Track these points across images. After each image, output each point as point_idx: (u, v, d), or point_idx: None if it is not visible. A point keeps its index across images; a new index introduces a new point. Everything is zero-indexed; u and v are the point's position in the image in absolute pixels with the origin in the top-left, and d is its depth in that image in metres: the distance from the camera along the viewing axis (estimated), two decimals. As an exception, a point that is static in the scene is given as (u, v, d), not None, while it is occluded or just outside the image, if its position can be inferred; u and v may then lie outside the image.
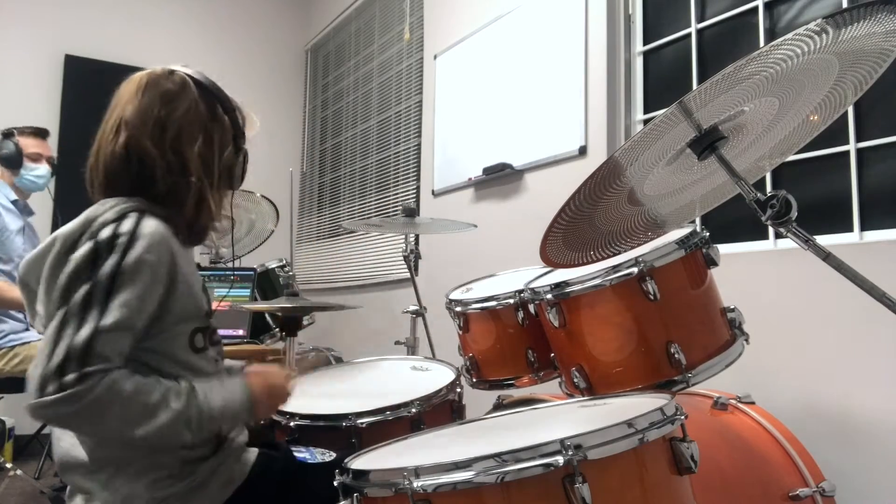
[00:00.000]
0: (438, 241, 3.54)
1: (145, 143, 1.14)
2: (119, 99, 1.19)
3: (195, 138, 1.18)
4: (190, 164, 1.16)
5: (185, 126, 1.17)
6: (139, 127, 1.15)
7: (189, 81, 1.21)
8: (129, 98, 1.18)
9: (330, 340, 4.04)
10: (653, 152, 1.17)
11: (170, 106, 1.17)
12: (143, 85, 1.19)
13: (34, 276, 1.08)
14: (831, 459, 1.62)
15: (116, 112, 1.18)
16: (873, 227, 1.93)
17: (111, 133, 1.16)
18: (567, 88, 2.80)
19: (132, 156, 1.14)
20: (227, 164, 1.23)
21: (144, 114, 1.16)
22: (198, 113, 1.20)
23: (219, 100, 1.24)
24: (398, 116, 4.17)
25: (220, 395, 1.08)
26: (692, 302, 1.41)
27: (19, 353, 2.62)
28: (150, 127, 1.15)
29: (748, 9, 2.28)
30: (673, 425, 0.96)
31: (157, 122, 1.16)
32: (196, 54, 4.88)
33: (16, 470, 2.80)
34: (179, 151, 1.16)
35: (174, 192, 1.15)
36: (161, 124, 1.16)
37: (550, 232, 1.25)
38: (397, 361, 1.93)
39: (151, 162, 1.14)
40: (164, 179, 1.14)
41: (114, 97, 1.21)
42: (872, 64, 1.10)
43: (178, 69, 1.23)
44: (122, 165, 1.14)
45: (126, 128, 1.15)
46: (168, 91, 1.19)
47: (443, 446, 1.15)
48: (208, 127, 1.20)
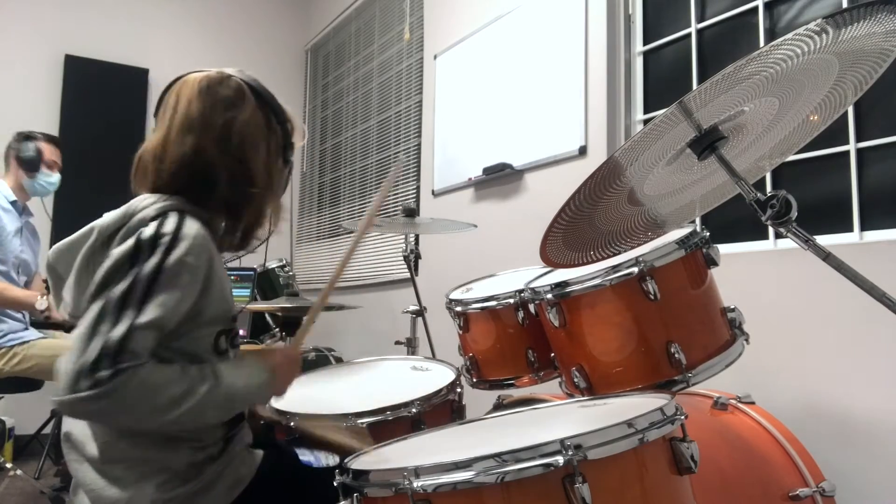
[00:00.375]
0: (438, 241, 3.54)
1: (212, 150, 1.14)
2: (181, 98, 1.17)
3: (257, 147, 1.19)
4: (255, 175, 1.18)
5: (247, 135, 1.17)
6: (206, 132, 1.14)
7: (245, 88, 1.21)
8: (191, 100, 1.16)
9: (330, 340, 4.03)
10: (653, 152, 1.17)
11: (231, 112, 1.17)
12: (203, 88, 1.17)
13: (64, 263, 1.10)
14: (831, 459, 1.62)
15: (181, 112, 1.16)
16: (873, 227, 1.93)
17: (179, 133, 1.15)
18: (567, 88, 2.80)
19: (199, 161, 1.14)
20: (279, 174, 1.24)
21: (209, 119, 1.15)
22: (257, 121, 1.20)
23: (273, 109, 1.24)
24: (398, 116, 4.17)
25: (242, 375, 1.10)
26: (692, 302, 1.41)
27: (18, 352, 2.62)
28: (216, 133, 1.15)
29: (748, 9, 2.28)
30: (673, 425, 0.96)
31: (221, 128, 1.15)
32: (196, 54, 4.88)
33: (16, 470, 2.80)
34: (244, 160, 1.17)
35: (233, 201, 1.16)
36: (226, 131, 1.15)
37: (550, 232, 1.25)
38: (397, 361, 1.93)
39: (216, 170, 1.14)
40: (226, 188, 1.15)
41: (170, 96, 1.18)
42: (872, 64, 1.10)
43: (233, 74, 1.22)
44: (188, 168, 1.14)
45: (195, 131, 1.14)
46: (227, 97, 1.17)
47: (443, 446, 1.15)
48: (267, 136, 1.21)
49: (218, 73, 1.21)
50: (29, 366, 2.62)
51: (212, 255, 1.10)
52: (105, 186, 4.31)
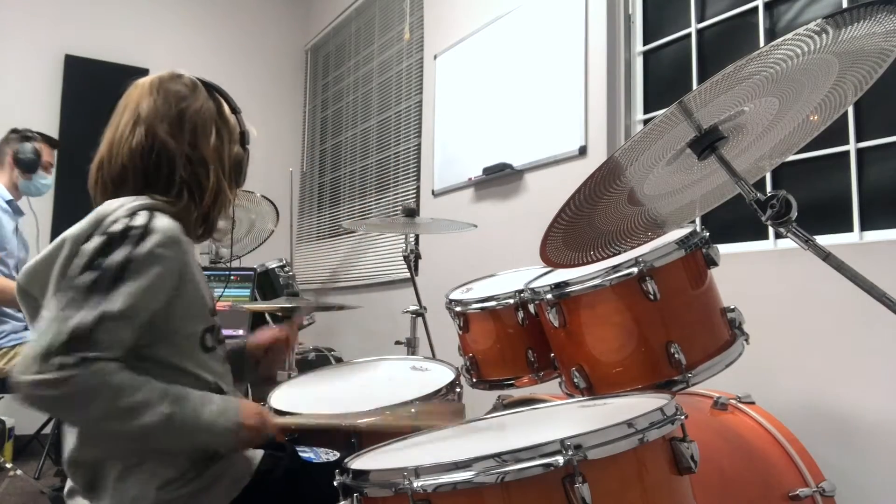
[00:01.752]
0: (438, 241, 3.54)
1: (164, 137, 1.17)
2: (129, 100, 1.21)
3: (209, 133, 1.22)
4: (207, 157, 1.20)
5: (199, 122, 1.21)
6: (156, 122, 1.17)
7: (198, 82, 1.26)
8: (142, 97, 1.20)
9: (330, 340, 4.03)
10: (653, 152, 1.17)
11: (183, 104, 1.21)
12: (154, 86, 1.22)
13: (38, 283, 1.07)
14: (831, 459, 1.62)
15: (129, 111, 1.19)
16: (873, 227, 1.93)
17: (127, 129, 1.17)
18: (567, 88, 2.80)
19: (151, 149, 1.16)
20: (236, 160, 1.27)
21: (160, 111, 1.18)
22: (209, 111, 1.24)
23: (225, 100, 1.29)
24: (398, 116, 4.17)
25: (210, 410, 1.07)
26: (692, 302, 1.41)
27: (20, 353, 2.61)
28: (167, 123, 1.18)
29: (748, 9, 2.28)
30: (673, 425, 0.96)
31: (173, 118, 1.19)
32: (196, 54, 4.88)
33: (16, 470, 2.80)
34: (196, 145, 1.20)
35: (193, 184, 1.18)
36: (178, 120, 1.19)
37: (550, 232, 1.25)
38: (397, 361, 1.93)
39: (171, 154, 1.16)
40: (183, 171, 1.17)
41: (121, 100, 1.23)
42: (872, 64, 1.10)
43: (185, 73, 1.26)
44: (141, 159, 1.15)
45: (143, 123, 1.17)
46: (179, 91, 1.22)
47: (443, 446, 1.15)
48: (219, 124, 1.25)
49: (170, 72, 1.25)
50: (29, 366, 2.62)
51: (185, 250, 1.10)
52: (105, 186, 4.32)
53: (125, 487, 1.06)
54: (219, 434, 1.08)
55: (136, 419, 0.98)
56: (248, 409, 1.13)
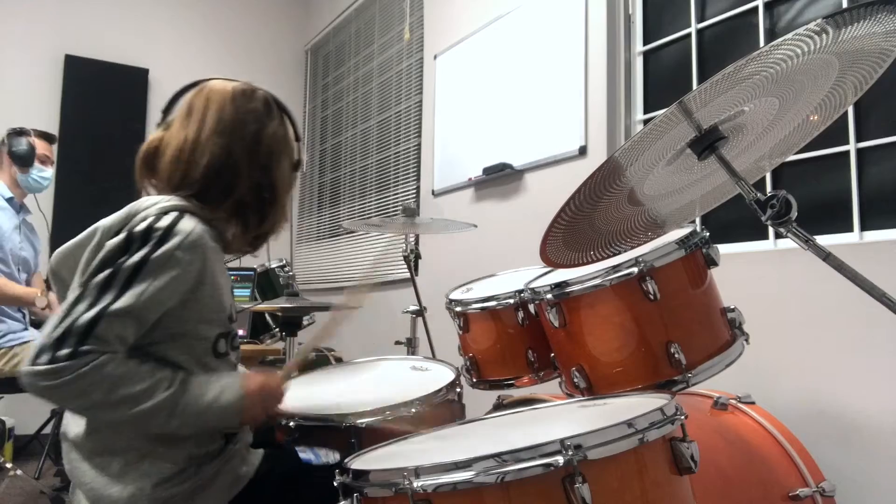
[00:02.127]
0: (438, 241, 3.54)
1: (241, 156, 1.17)
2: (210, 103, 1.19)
3: (282, 159, 1.23)
4: (277, 185, 1.22)
5: (274, 146, 1.22)
6: (237, 137, 1.18)
7: (272, 102, 1.25)
8: (224, 105, 1.19)
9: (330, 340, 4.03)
10: (653, 152, 1.17)
11: (260, 123, 1.21)
12: (236, 96, 1.20)
13: (67, 267, 1.11)
14: (831, 459, 1.62)
15: (212, 114, 1.18)
16: (873, 227, 1.93)
17: (211, 135, 1.16)
18: (567, 88, 2.80)
19: (228, 164, 1.16)
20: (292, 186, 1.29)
21: (241, 126, 1.18)
22: (282, 134, 1.25)
23: (293, 126, 1.29)
24: (398, 116, 4.17)
25: (212, 390, 1.08)
26: (692, 302, 1.41)
27: (18, 353, 2.62)
28: (247, 140, 1.18)
29: (748, 9, 2.28)
30: (673, 425, 0.96)
31: (252, 136, 1.19)
32: (196, 54, 4.88)
33: (16, 470, 2.80)
34: (269, 170, 1.21)
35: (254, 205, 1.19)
36: (256, 140, 1.19)
37: (550, 232, 1.25)
38: (397, 361, 1.93)
39: (240, 175, 1.17)
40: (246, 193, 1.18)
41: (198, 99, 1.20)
42: (872, 64, 1.10)
43: (257, 87, 1.26)
44: (216, 171, 1.16)
45: (225, 135, 1.17)
46: (256, 109, 1.22)
47: (443, 446, 1.15)
48: (288, 150, 1.26)
49: (245, 84, 1.24)
50: (29, 366, 2.62)
51: (207, 254, 1.10)
52: (105, 186, 4.32)
53: (125, 483, 1.06)
54: (224, 411, 1.09)
55: (137, 406, 1.00)
56: (251, 380, 1.15)
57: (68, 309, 0.99)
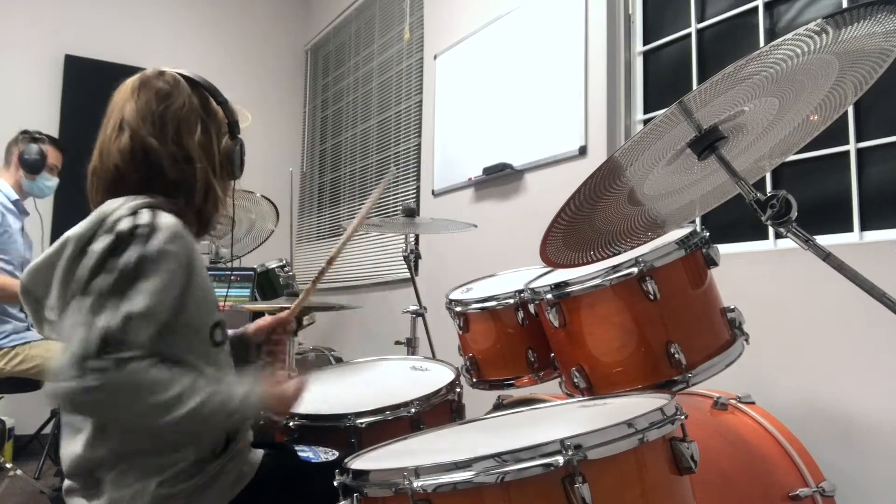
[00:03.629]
0: (438, 241, 3.54)
1: (148, 140, 1.17)
2: (115, 103, 1.22)
3: (194, 129, 1.22)
4: (192, 153, 1.20)
5: (182, 119, 1.21)
6: (140, 124, 1.17)
7: (180, 78, 1.25)
8: (125, 100, 1.21)
9: (330, 340, 4.03)
10: (653, 152, 1.17)
11: (166, 102, 1.20)
12: (136, 86, 1.22)
13: (41, 283, 1.08)
14: (831, 459, 1.62)
15: (115, 114, 1.20)
16: (873, 227, 1.93)
17: (113, 133, 1.18)
18: (567, 88, 2.80)
19: (137, 151, 1.16)
20: (226, 152, 1.26)
21: (142, 112, 1.19)
22: (192, 106, 1.23)
23: (210, 92, 1.28)
24: (398, 116, 4.17)
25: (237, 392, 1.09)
26: (692, 302, 1.41)
27: (20, 352, 2.62)
28: (149, 123, 1.18)
29: (748, 9, 2.28)
30: (673, 425, 0.96)
31: (156, 118, 1.19)
32: (196, 54, 4.88)
33: (16, 470, 2.80)
34: (181, 143, 1.19)
35: (183, 182, 1.18)
36: (160, 120, 1.19)
37: (550, 232, 1.25)
38: (397, 361, 1.93)
39: (157, 155, 1.16)
40: (171, 170, 1.17)
41: (109, 103, 1.23)
42: (872, 64, 1.10)
43: (167, 70, 1.26)
44: (130, 162, 1.16)
45: (127, 127, 1.17)
46: (161, 89, 1.22)
47: (443, 446, 1.15)
48: (204, 118, 1.24)
49: (154, 70, 1.26)
50: (30, 366, 2.62)
51: (190, 245, 1.11)
52: (105, 186, 4.32)
53: (124, 485, 1.06)
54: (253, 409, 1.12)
55: (176, 411, 0.99)
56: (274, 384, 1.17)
57: (83, 321, 0.97)
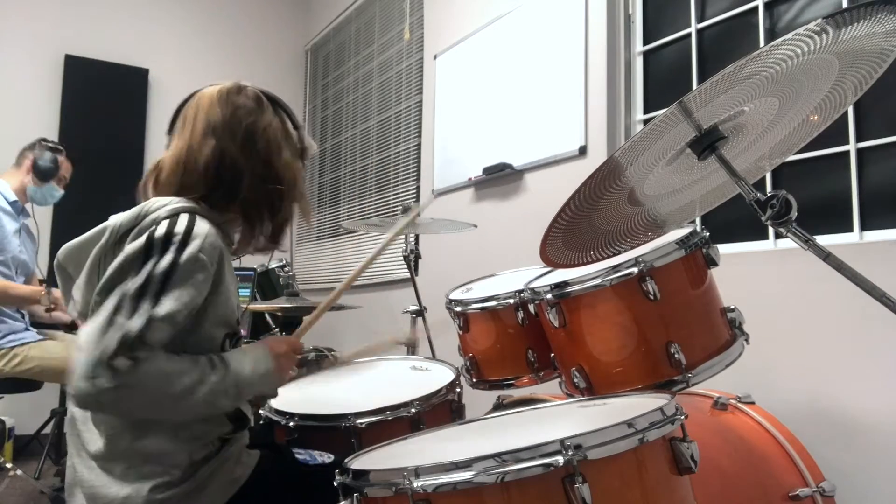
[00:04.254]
0: (438, 241, 3.53)
1: (236, 153, 1.18)
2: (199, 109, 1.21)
3: (281, 149, 1.23)
4: (281, 175, 1.22)
5: (270, 137, 1.22)
6: (228, 136, 1.18)
7: (262, 97, 1.25)
8: (212, 107, 1.20)
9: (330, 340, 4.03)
10: (653, 152, 1.17)
11: (252, 118, 1.21)
12: (223, 97, 1.21)
13: (74, 262, 1.12)
14: (831, 459, 1.62)
15: (201, 121, 1.19)
16: (873, 227, 1.93)
17: (201, 138, 1.18)
18: (567, 88, 2.80)
19: (225, 161, 1.17)
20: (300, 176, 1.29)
21: (231, 125, 1.19)
22: (277, 125, 1.25)
23: (288, 114, 1.29)
24: (398, 116, 4.17)
25: (248, 362, 1.12)
26: (692, 302, 1.41)
27: (18, 353, 2.62)
28: (239, 138, 1.19)
29: (748, 9, 2.28)
30: (673, 425, 0.96)
31: (245, 132, 1.19)
32: (196, 54, 4.88)
33: (16, 470, 2.80)
34: (269, 162, 1.21)
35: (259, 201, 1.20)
36: (249, 136, 1.20)
37: (550, 232, 1.25)
38: (397, 361, 1.93)
39: (241, 171, 1.18)
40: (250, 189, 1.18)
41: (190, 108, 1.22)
42: (872, 64, 1.10)
43: (246, 85, 1.26)
44: (215, 170, 1.17)
45: (215, 135, 1.17)
46: (246, 104, 1.22)
47: (443, 446, 1.15)
48: (287, 139, 1.26)
49: (234, 83, 1.25)
50: (29, 367, 2.62)
51: (222, 257, 1.12)
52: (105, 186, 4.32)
53: (122, 485, 1.06)
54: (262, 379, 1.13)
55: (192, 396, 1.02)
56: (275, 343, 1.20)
57: (109, 320, 0.98)
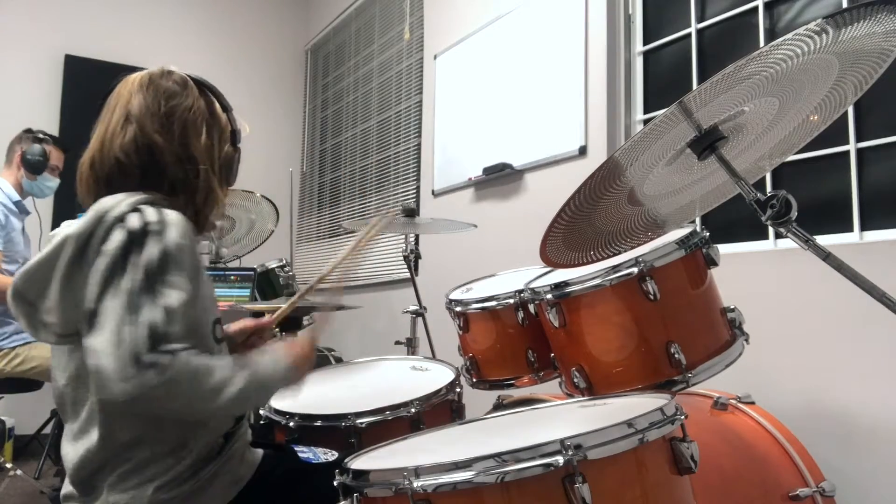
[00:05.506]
0: (438, 241, 3.54)
1: (154, 136, 1.16)
2: (119, 96, 1.20)
3: (199, 131, 1.21)
4: (197, 155, 1.19)
5: (189, 120, 1.20)
6: (146, 121, 1.17)
7: (188, 80, 1.25)
8: (132, 95, 1.19)
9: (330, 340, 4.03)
10: (653, 152, 1.17)
11: (173, 101, 1.20)
12: (144, 83, 1.21)
13: (35, 286, 1.05)
14: (831, 459, 1.62)
15: (120, 108, 1.18)
16: (873, 227, 1.93)
17: (118, 127, 1.16)
18: (567, 88, 2.80)
19: (142, 148, 1.15)
20: (226, 159, 1.26)
21: (150, 108, 1.18)
22: (199, 109, 1.23)
23: (216, 97, 1.28)
24: (398, 116, 4.17)
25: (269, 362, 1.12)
26: (692, 302, 1.41)
27: (20, 353, 2.62)
28: (156, 121, 1.17)
29: (748, 9, 2.28)
30: (673, 425, 0.96)
31: (162, 116, 1.18)
32: (196, 54, 4.88)
33: (16, 470, 2.80)
34: (186, 144, 1.19)
35: (183, 182, 1.18)
36: (167, 119, 1.18)
37: (550, 232, 1.25)
38: (397, 361, 1.93)
39: (160, 153, 1.16)
40: (173, 170, 1.17)
41: (112, 97, 1.22)
42: (872, 64, 1.10)
43: (175, 69, 1.25)
44: (133, 157, 1.15)
45: (134, 121, 1.16)
46: (169, 88, 1.21)
47: (443, 446, 1.15)
48: (209, 122, 1.24)
49: (161, 68, 1.25)
50: (30, 367, 2.62)
51: (195, 241, 1.12)
52: (105, 186, 4.32)
53: (122, 489, 1.06)
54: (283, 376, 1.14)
55: (222, 395, 1.00)
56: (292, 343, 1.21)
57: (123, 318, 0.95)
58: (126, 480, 1.06)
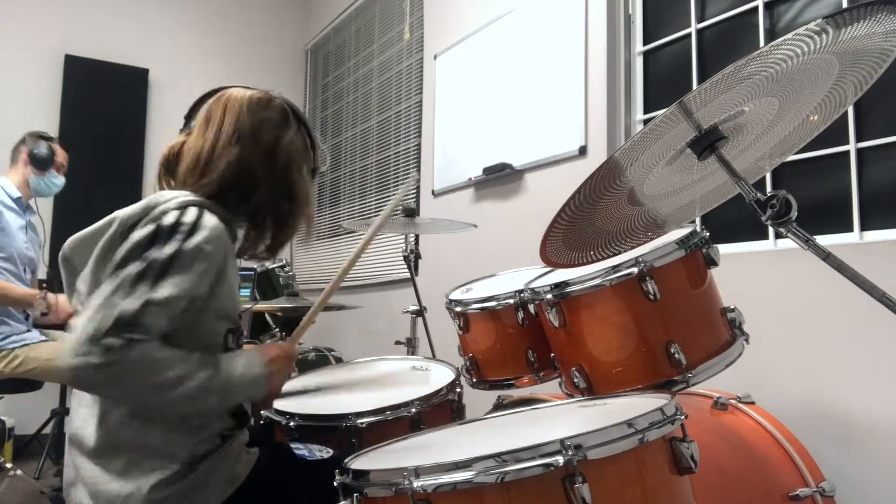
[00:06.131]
0: (438, 241, 3.54)
1: (258, 164, 1.20)
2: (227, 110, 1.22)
3: (301, 168, 1.26)
4: (297, 194, 1.24)
5: (291, 154, 1.24)
6: (253, 147, 1.20)
7: (289, 111, 1.27)
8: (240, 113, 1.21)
9: (330, 340, 4.03)
10: (653, 152, 1.17)
11: (276, 133, 1.23)
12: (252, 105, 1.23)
13: (81, 254, 1.12)
14: (831, 459, 1.62)
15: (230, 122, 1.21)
16: (873, 227, 1.93)
17: (228, 142, 1.19)
18: (567, 88, 2.80)
19: (244, 171, 1.19)
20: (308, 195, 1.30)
21: (258, 134, 1.21)
22: (299, 143, 1.27)
23: (309, 133, 1.31)
24: (398, 116, 4.17)
25: (239, 366, 1.13)
26: (692, 302, 1.41)
27: (19, 354, 2.61)
28: (263, 149, 1.21)
29: (748, 9, 2.28)
30: (673, 425, 0.96)
31: (269, 145, 1.21)
32: (196, 54, 4.88)
33: (16, 470, 2.80)
34: (288, 179, 1.23)
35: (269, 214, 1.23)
36: (273, 148, 1.22)
37: (550, 232, 1.25)
38: (397, 361, 1.93)
39: (258, 183, 1.20)
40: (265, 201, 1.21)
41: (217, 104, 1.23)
42: (872, 64, 1.10)
43: (274, 96, 1.27)
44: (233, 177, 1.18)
45: (240, 143, 1.19)
46: (272, 118, 1.24)
47: (443, 446, 1.15)
48: (305, 158, 1.28)
49: (263, 92, 1.26)
50: (30, 368, 2.62)
51: (227, 251, 1.13)
52: (104, 185, 4.32)
53: (124, 481, 1.06)
54: (252, 382, 1.14)
55: (177, 389, 1.02)
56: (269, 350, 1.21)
57: (107, 300, 0.99)
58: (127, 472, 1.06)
